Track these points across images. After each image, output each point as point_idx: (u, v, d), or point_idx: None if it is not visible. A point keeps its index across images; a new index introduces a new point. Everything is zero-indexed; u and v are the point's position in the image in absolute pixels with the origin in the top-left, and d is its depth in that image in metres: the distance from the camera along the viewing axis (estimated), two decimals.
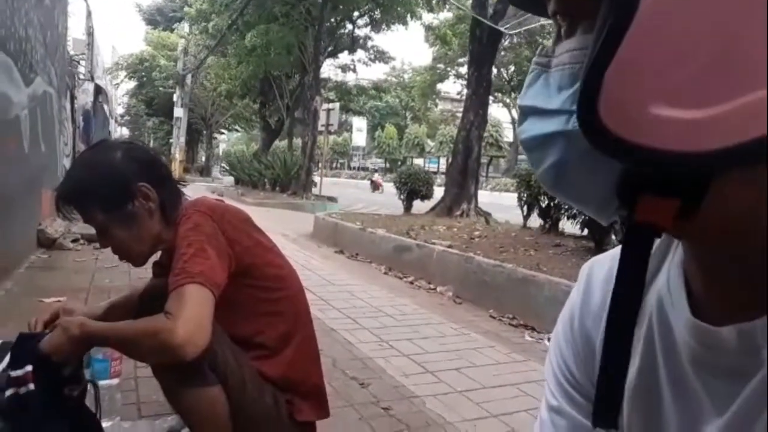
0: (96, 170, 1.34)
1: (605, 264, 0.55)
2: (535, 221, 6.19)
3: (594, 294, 0.54)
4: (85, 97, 10.91)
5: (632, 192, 0.34)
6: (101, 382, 1.72)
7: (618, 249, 0.41)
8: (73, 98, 9.29)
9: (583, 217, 4.63)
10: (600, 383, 0.43)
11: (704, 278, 0.41)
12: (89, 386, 1.34)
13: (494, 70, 12.34)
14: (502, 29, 8.15)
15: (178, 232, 1.31)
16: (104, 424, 1.52)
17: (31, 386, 1.17)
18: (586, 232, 5.05)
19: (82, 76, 11.11)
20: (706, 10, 0.28)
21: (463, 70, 23.87)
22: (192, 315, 1.16)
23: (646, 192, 0.33)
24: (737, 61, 0.28)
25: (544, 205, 5.80)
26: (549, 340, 0.62)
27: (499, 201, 13.42)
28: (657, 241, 0.48)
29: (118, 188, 1.32)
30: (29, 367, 1.19)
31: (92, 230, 1.41)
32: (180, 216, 1.36)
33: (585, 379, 0.54)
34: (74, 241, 5.17)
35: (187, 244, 1.26)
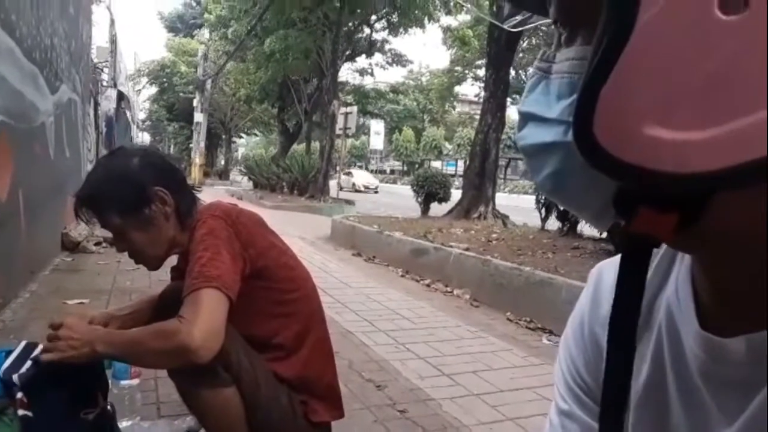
0: (113, 175, 1.38)
1: (614, 268, 0.54)
2: (554, 224, 6.14)
3: (603, 298, 0.54)
4: (108, 103, 11.14)
5: (629, 204, 0.33)
6: (122, 382, 1.77)
7: None
8: (96, 105, 9.49)
9: None
10: (605, 392, 0.43)
11: (711, 289, 0.40)
12: (108, 407, 1.32)
13: (512, 72, 12.25)
14: (517, 29, 8.10)
15: (193, 237, 1.34)
16: (124, 424, 1.55)
17: (29, 413, 1.17)
18: (605, 234, 4.99)
19: (105, 83, 11.34)
20: (703, 30, 0.28)
21: (481, 72, 23.79)
22: (206, 319, 1.18)
23: (643, 205, 0.33)
24: (736, 82, 0.28)
25: (562, 208, 5.74)
26: None
27: (517, 203, 13.32)
28: (662, 250, 0.48)
29: (134, 193, 1.35)
30: (19, 394, 1.20)
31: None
32: (195, 220, 1.39)
33: (594, 384, 0.54)
34: (97, 244, 5.27)
35: (203, 248, 1.29)
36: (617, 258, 0.55)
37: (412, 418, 2.03)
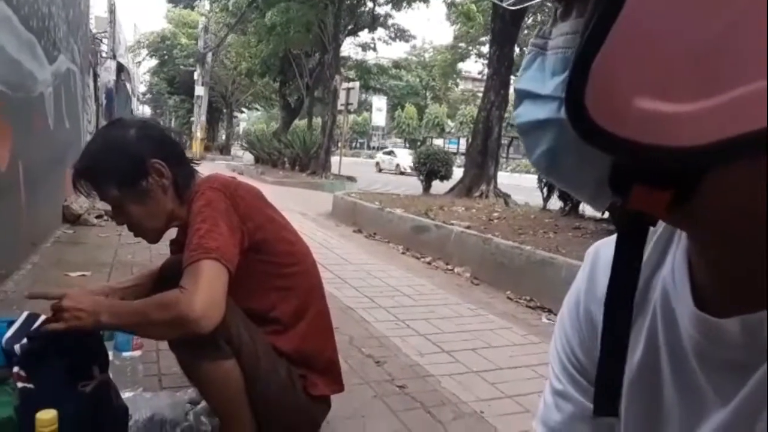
0: (111, 147, 1.36)
1: (611, 247, 0.54)
2: (556, 203, 6.13)
3: (599, 278, 0.53)
4: (107, 75, 11.03)
5: (624, 182, 0.33)
6: (124, 354, 1.78)
7: None
8: (95, 76, 9.40)
9: None
10: (600, 372, 0.43)
11: (708, 269, 0.40)
12: (107, 379, 1.32)
13: (517, 49, 12.10)
14: (518, 7, 7.95)
15: (191, 209, 1.33)
16: (126, 395, 1.56)
17: (29, 385, 1.18)
18: (606, 215, 4.98)
19: (104, 54, 11.21)
20: None
21: (485, 49, 23.47)
22: (207, 289, 1.18)
23: (638, 182, 0.32)
24: (733, 51, 0.27)
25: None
26: None
27: (519, 182, 13.30)
28: (660, 229, 0.47)
29: (132, 164, 1.34)
30: (16, 368, 1.21)
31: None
32: (193, 193, 1.38)
33: (589, 363, 0.54)
34: (98, 217, 5.27)
35: (201, 220, 1.28)
36: (614, 237, 0.54)
37: (411, 394, 2.05)
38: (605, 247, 0.55)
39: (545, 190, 6.25)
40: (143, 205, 1.37)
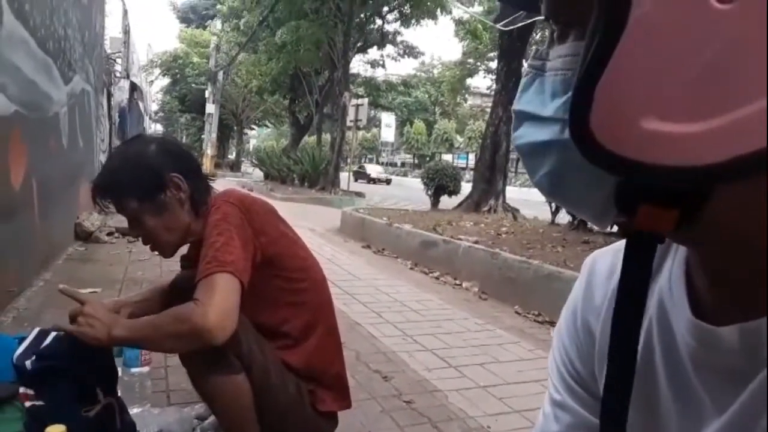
0: (131, 161, 1.39)
1: (608, 258, 0.54)
2: (564, 217, 6.11)
3: (596, 289, 0.54)
4: (121, 94, 11.21)
5: (630, 202, 0.33)
6: (132, 370, 1.79)
7: (621, 243, 0.41)
8: (109, 95, 9.56)
9: None
10: (606, 394, 0.43)
11: (708, 278, 0.40)
12: (113, 401, 1.32)
13: (524, 65, 12.13)
14: (509, 28, 8.01)
15: (207, 222, 1.36)
16: (134, 411, 1.58)
17: (38, 402, 1.20)
18: (615, 228, 4.95)
19: (118, 74, 11.41)
20: (699, 20, 0.27)
21: (494, 64, 23.59)
22: (220, 301, 1.20)
23: (644, 202, 0.32)
24: (734, 71, 0.27)
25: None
26: None
27: (528, 197, 13.22)
28: None
29: (151, 178, 1.37)
30: (22, 389, 1.23)
31: (126, 224, 1.46)
32: (209, 207, 1.41)
33: (587, 373, 0.54)
34: (109, 234, 5.33)
35: (217, 233, 1.30)
36: (612, 247, 0.55)
37: (418, 409, 2.04)
38: (602, 258, 0.55)
39: (553, 204, 6.23)
40: (160, 218, 1.39)
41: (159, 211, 1.39)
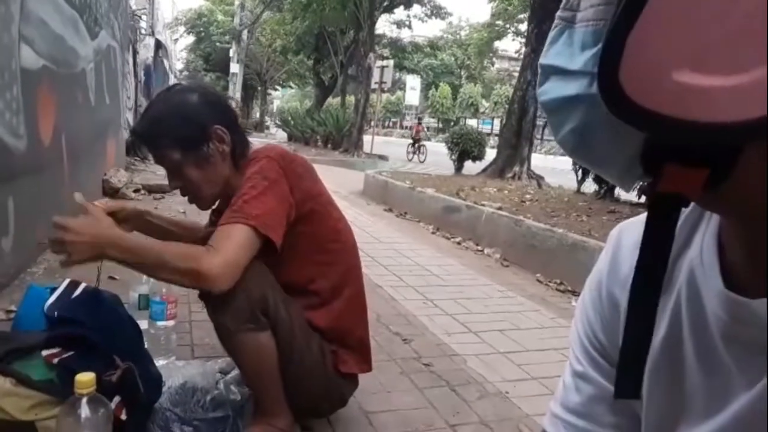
0: (174, 111, 1.37)
1: (634, 229, 0.53)
2: (590, 186, 5.99)
3: (622, 260, 0.52)
4: (146, 51, 11.20)
5: (657, 160, 0.32)
6: (158, 323, 1.84)
7: None
8: (135, 52, 9.56)
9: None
10: (623, 354, 0.43)
11: (741, 249, 0.39)
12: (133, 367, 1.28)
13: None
14: None
15: (244, 175, 1.34)
16: (160, 362, 1.62)
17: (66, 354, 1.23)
18: (643, 199, 4.85)
19: (143, 31, 11.37)
20: None
21: (523, 27, 22.87)
22: (232, 252, 1.20)
23: (672, 161, 0.31)
24: None
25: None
26: None
27: (554, 165, 13.02)
28: (688, 210, 0.46)
29: (195, 129, 1.35)
30: (45, 352, 1.23)
31: (152, 181, 1.46)
32: (249, 159, 1.40)
33: (611, 346, 0.53)
34: (136, 191, 5.41)
35: (250, 186, 1.30)
36: (638, 218, 0.53)
37: (436, 372, 2.06)
38: (629, 229, 0.54)
39: (579, 172, 6.10)
40: (202, 170, 1.38)
41: (201, 163, 1.37)
